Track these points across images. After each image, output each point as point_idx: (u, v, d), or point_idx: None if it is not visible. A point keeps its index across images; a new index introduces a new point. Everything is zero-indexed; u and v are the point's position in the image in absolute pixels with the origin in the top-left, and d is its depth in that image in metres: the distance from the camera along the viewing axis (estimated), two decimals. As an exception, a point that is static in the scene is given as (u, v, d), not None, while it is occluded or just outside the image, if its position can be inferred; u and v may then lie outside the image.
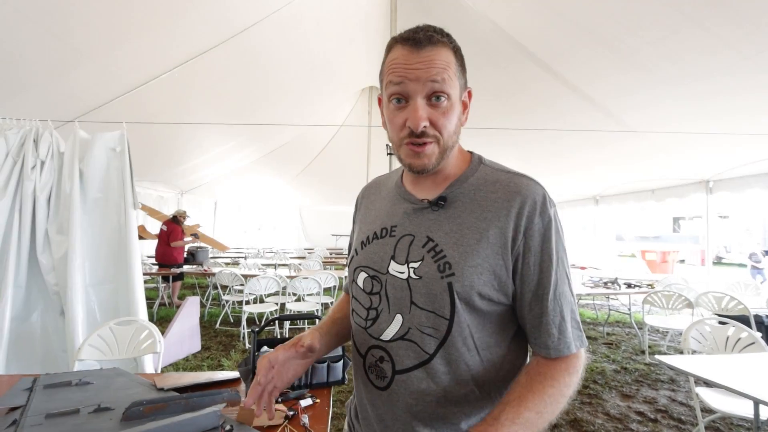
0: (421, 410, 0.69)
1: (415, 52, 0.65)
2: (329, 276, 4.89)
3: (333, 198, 12.92)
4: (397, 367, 0.71)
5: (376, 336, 0.74)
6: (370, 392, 0.75)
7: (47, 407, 1.09)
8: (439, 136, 0.68)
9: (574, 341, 0.68)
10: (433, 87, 0.65)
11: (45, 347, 2.52)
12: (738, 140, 4.10)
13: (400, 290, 0.71)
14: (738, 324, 2.26)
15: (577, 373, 0.68)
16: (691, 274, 8.30)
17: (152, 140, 5.42)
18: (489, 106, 5.15)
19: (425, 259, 0.69)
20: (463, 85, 0.71)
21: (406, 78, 0.65)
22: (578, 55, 3.76)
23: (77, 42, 3.26)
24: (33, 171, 2.51)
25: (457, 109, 0.70)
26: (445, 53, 0.67)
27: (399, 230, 0.75)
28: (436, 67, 0.65)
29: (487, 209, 0.69)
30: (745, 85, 3.32)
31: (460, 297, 0.66)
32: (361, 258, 0.79)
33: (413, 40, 0.66)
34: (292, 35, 4.58)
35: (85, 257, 2.53)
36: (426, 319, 0.68)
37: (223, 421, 1.00)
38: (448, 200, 0.73)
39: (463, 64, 0.72)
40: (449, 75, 0.66)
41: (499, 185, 0.71)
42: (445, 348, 0.68)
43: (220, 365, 3.66)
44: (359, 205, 0.92)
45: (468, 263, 0.66)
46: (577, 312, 0.71)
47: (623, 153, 5.27)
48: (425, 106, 0.66)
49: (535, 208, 0.67)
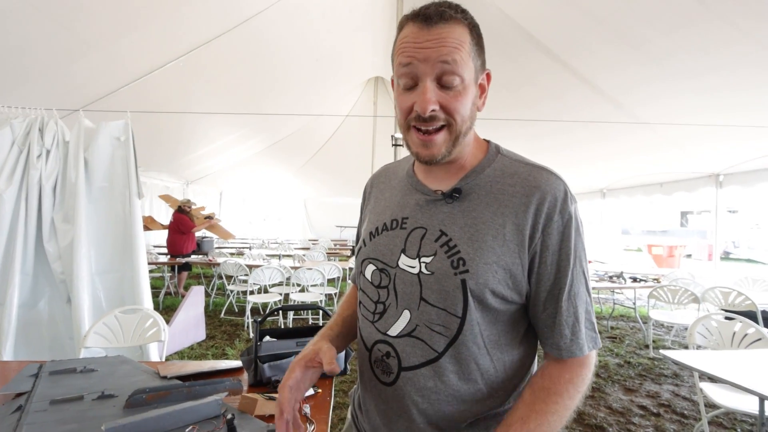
0: (427, 408, 0.68)
1: (425, 29, 0.60)
2: (333, 267, 4.90)
3: (338, 189, 12.91)
4: (403, 364, 0.69)
5: (382, 331, 0.72)
6: (375, 386, 0.74)
7: (52, 393, 1.10)
8: (451, 121, 0.63)
9: (587, 342, 0.66)
10: (443, 68, 0.60)
11: (52, 334, 2.56)
12: (750, 133, 4.01)
13: (409, 285, 0.69)
14: (745, 320, 2.24)
15: (585, 379, 0.66)
16: (698, 269, 8.22)
17: (157, 130, 5.43)
18: (497, 97, 5.08)
19: (438, 254, 0.66)
20: (479, 66, 0.66)
21: (414, 58, 0.61)
22: (589, 45, 3.69)
23: (83, 31, 3.26)
24: (39, 160, 2.52)
25: (472, 92, 0.64)
26: (459, 30, 0.61)
27: (410, 222, 0.72)
28: (448, 45, 0.60)
29: (504, 204, 0.66)
30: (763, 77, 3.23)
31: (474, 295, 0.64)
32: (370, 249, 0.76)
33: (424, 16, 0.61)
34: (298, 24, 4.54)
35: (91, 246, 2.55)
36: (436, 317, 0.66)
37: (224, 409, 1.01)
38: (463, 192, 0.69)
39: (480, 43, 0.65)
40: (462, 55, 0.61)
41: (518, 178, 0.67)
42: (456, 347, 0.66)
43: (225, 354, 3.70)
44: (368, 195, 0.88)
45: (483, 260, 0.64)
46: (593, 312, 0.68)
47: (632, 146, 5.19)
48: (435, 89, 0.61)
49: (555, 204, 0.64)
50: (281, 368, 1.28)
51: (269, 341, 1.34)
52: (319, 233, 14.18)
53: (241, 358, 1.33)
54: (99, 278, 2.59)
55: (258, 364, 1.25)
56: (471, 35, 0.63)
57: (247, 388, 1.24)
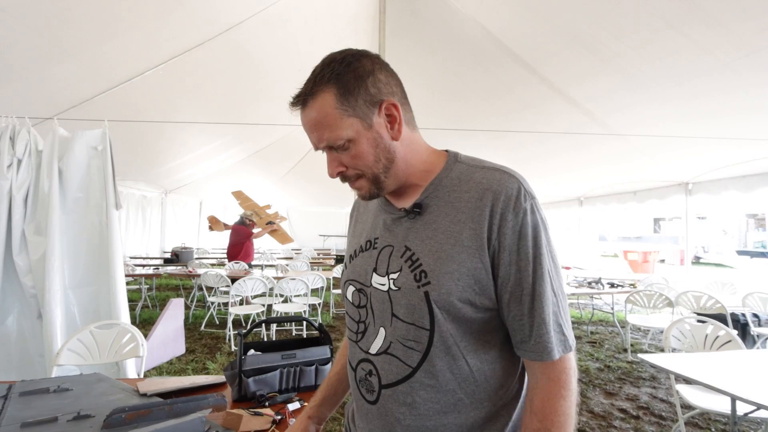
0: (411, 423, 0.67)
1: (303, 115, 0.67)
2: (317, 277, 4.86)
3: (320, 199, 12.84)
4: (383, 382, 0.69)
5: (365, 349, 0.73)
6: (362, 406, 0.74)
7: (23, 416, 1.05)
8: (360, 172, 0.69)
9: (556, 346, 0.63)
10: (327, 143, 0.67)
11: (21, 352, 2.44)
12: (716, 143, 4.22)
13: (381, 302, 0.70)
14: (716, 322, 2.33)
15: (570, 392, 0.64)
16: (672, 273, 8.52)
17: (136, 139, 5.30)
18: (476, 108, 5.20)
19: (403, 269, 0.68)
20: (366, 108, 0.65)
21: (310, 140, 0.69)
22: (563, 58, 3.83)
23: (59, 37, 3.17)
24: (9, 169, 2.42)
25: (368, 138, 0.66)
26: (322, 100, 0.64)
27: (380, 242, 0.74)
28: (317, 127, 0.66)
29: (460, 210, 0.66)
30: (721, 88, 3.42)
31: (439, 306, 0.64)
32: (350, 272, 0.79)
33: (297, 102, 0.67)
34: (279, 34, 4.54)
35: (65, 259, 2.46)
36: (407, 332, 0.66)
37: (208, 427, 0.98)
38: (424, 206, 0.70)
39: (353, 90, 0.65)
40: (332, 126, 0.65)
41: (473, 183, 0.68)
42: (429, 360, 0.65)
43: (206, 368, 3.60)
44: (351, 219, 0.92)
45: (444, 270, 0.64)
46: (563, 313, 0.66)
47: (606, 155, 5.37)
48: (335, 156, 0.68)
49: (508, 203, 0.63)
50: (266, 382, 1.26)
51: (254, 355, 1.31)
52: (302, 243, 14.02)
53: (225, 372, 1.30)
54: (73, 292, 2.49)
55: (242, 379, 1.23)
56: (337, 93, 0.64)
57: (231, 404, 1.21)
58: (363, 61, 0.67)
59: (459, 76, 4.83)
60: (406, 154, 0.71)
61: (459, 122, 5.39)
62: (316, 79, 0.66)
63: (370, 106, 0.66)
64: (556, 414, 0.62)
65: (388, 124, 0.68)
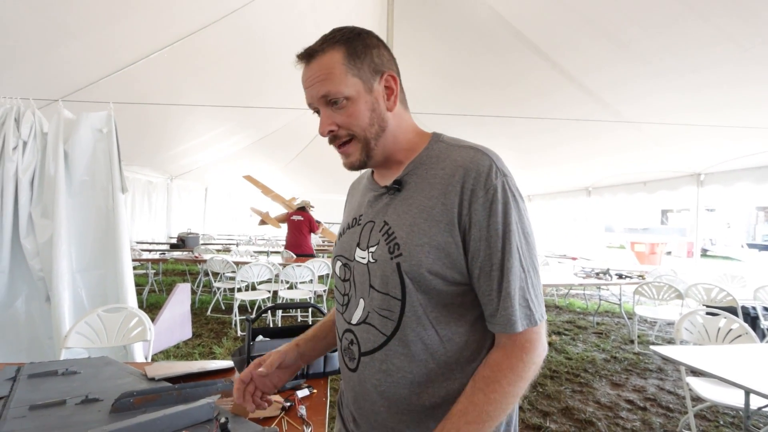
0: (386, 390, 0.70)
1: (307, 68, 0.71)
2: (322, 264, 4.85)
3: (325, 186, 12.79)
4: (362, 349, 0.73)
5: (348, 320, 0.77)
6: (346, 374, 0.79)
7: (32, 398, 1.04)
8: (353, 133, 0.72)
9: (520, 319, 0.65)
10: (326, 97, 0.70)
11: (30, 334, 2.45)
12: (731, 133, 4.11)
13: (362, 275, 0.74)
14: (729, 315, 2.29)
15: (528, 365, 0.65)
16: (678, 265, 8.44)
17: (141, 122, 5.26)
18: (485, 94, 5.09)
19: (380, 243, 0.71)
20: (370, 73, 0.71)
21: (309, 96, 0.72)
22: (577, 44, 3.71)
23: (64, 19, 3.11)
24: (15, 152, 2.40)
25: (366, 101, 0.71)
26: (330, 56, 0.69)
27: (364, 218, 0.79)
28: (320, 80, 0.69)
29: (434, 186, 0.69)
30: (742, 77, 3.31)
31: (409, 276, 0.67)
32: (338, 248, 0.83)
33: (304, 56, 0.71)
34: (286, 17, 4.44)
35: (72, 242, 2.45)
36: (382, 302, 0.70)
37: (217, 413, 0.97)
38: (403, 183, 0.74)
39: (361, 55, 0.70)
40: (336, 80, 0.68)
41: (449, 161, 0.70)
42: (402, 329, 0.69)
43: (212, 353, 3.63)
44: (346, 201, 0.98)
45: (414, 242, 0.67)
46: (532, 288, 0.67)
47: (617, 145, 5.27)
48: (330, 114, 0.71)
49: (479, 179, 0.66)
50: (275, 368, 1.24)
51: (262, 341, 1.30)
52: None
53: (233, 358, 1.29)
54: (80, 276, 2.49)
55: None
56: (346, 53, 0.69)
57: (239, 390, 1.20)
58: (371, 35, 0.74)
59: (469, 62, 4.71)
60: (395, 129, 0.75)
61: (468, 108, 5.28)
62: (327, 40, 0.71)
63: (373, 74, 0.72)
64: (510, 370, 0.65)
65: (385, 94, 0.73)
